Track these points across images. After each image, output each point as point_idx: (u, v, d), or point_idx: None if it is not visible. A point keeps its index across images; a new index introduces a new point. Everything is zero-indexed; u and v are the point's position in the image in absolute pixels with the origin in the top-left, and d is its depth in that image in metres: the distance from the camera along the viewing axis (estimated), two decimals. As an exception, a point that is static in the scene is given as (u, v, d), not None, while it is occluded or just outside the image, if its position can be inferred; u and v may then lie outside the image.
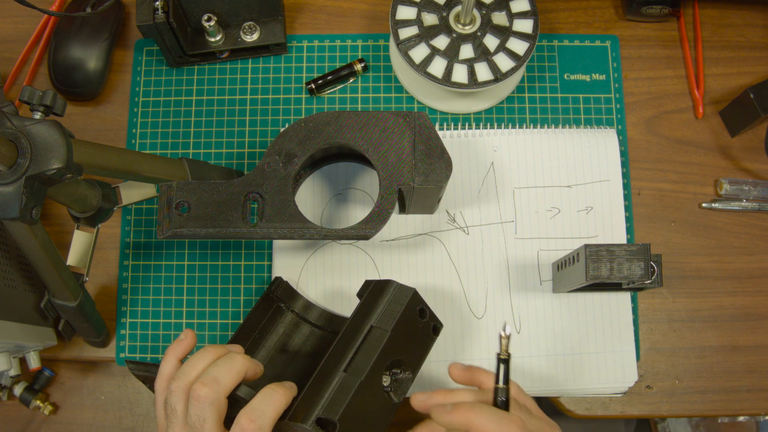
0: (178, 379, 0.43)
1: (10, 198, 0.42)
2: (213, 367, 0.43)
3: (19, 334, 0.52)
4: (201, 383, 0.42)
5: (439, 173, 0.50)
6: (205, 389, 0.42)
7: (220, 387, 0.42)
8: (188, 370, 0.43)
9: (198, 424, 0.41)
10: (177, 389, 0.43)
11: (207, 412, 0.41)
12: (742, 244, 0.62)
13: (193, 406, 0.42)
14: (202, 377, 0.42)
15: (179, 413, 0.42)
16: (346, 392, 0.44)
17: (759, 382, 0.60)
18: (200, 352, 0.45)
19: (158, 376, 0.45)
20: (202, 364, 0.44)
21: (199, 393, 0.41)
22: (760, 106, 0.60)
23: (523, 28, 0.60)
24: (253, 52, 0.66)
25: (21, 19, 0.68)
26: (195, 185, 0.50)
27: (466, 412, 0.41)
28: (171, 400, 0.43)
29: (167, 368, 0.45)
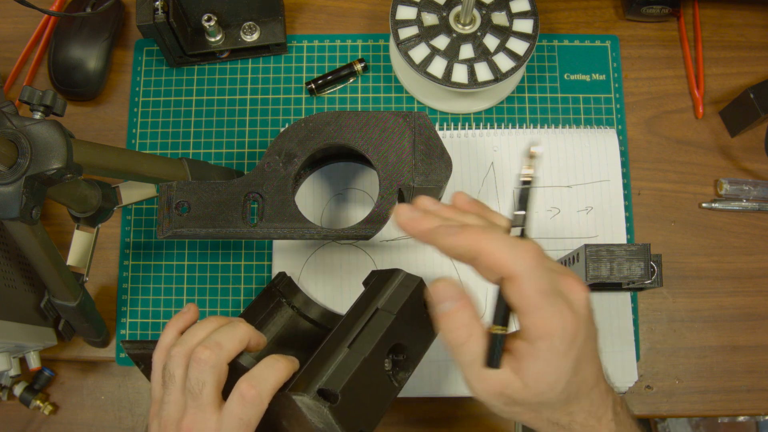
0: (179, 345, 0.42)
1: (10, 198, 0.42)
2: (216, 332, 0.42)
3: (19, 334, 0.52)
4: (203, 346, 0.41)
5: (439, 173, 0.50)
6: (206, 352, 0.41)
7: (222, 352, 0.41)
8: (189, 338, 0.42)
9: (197, 388, 0.40)
10: (177, 354, 0.42)
11: (207, 376, 0.40)
12: (742, 244, 0.62)
13: (193, 369, 0.41)
14: (204, 341, 0.41)
15: (178, 379, 0.41)
16: (349, 367, 0.43)
17: (759, 382, 0.60)
18: (202, 321, 0.44)
19: (157, 347, 0.44)
20: (203, 332, 0.43)
21: (200, 356, 0.40)
22: (760, 106, 0.60)
23: (523, 28, 0.60)
24: (253, 52, 0.66)
25: (21, 19, 0.68)
26: (195, 185, 0.50)
27: (475, 234, 0.36)
28: (170, 366, 0.42)
29: (167, 339, 0.44)
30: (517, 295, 0.35)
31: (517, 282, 0.35)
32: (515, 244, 0.35)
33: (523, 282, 0.35)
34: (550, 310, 0.35)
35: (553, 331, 0.35)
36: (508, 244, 0.35)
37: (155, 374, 0.44)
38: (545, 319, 0.35)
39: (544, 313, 0.35)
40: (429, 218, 0.38)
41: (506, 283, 0.36)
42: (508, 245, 0.35)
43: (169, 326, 0.45)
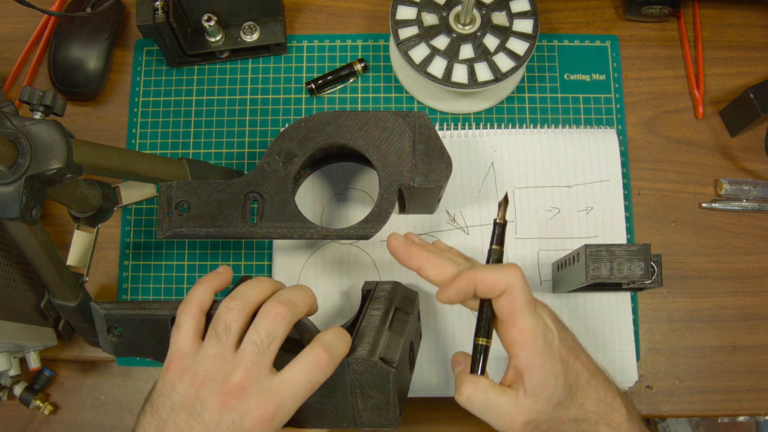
0: (238, 298, 0.41)
1: (10, 198, 0.42)
2: (287, 291, 0.42)
3: (19, 334, 0.52)
4: (279, 302, 0.40)
5: (439, 173, 0.50)
6: (283, 307, 0.40)
7: (297, 310, 0.40)
8: (248, 292, 0.41)
9: (266, 342, 0.39)
10: (236, 307, 0.40)
11: (280, 330, 0.39)
12: (742, 244, 0.62)
13: (265, 323, 0.39)
14: (278, 296, 0.41)
15: (234, 333, 0.39)
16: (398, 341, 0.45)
17: (759, 382, 0.60)
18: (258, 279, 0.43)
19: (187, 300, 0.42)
20: (262, 290, 0.42)
21: (277, 310, 0.39)
22: (760, 106, 0.60)
23: (523, 28, 0.60)
24: (253, 52, 0.66)
25: (21, 19, 0.68)
26: (195, 185, 0.50)
27: (466, 274, 0.42)
28: (227, 317, 0.40)
29: (200, 294, 0.42)
30: (510, 305, 0.41)
31: (511, 292, 0.41)
32: (502, 267, 0.42)
33: (516, 290, 0.41)
34: (534, 315, 0.42)
35: (537, 334, 0.41)
36: (496, 268, 0.42)
37: (186, 325, 0.41)
38: (530, 322, 0.41)
39: (529, 317, 0.41)
40: (419, 248, 0.45)
41: (501, 297, 0.42)
42: (497, 269, 0.42)
43: (203, 282, 0.43)
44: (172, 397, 0.39)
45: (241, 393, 0.38)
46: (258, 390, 0.38)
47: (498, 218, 0.46)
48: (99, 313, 0.45)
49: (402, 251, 0.45)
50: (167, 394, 0.40)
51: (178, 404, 0.39)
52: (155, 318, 0.45)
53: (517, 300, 0.41)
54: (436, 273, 0.44)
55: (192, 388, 0.39)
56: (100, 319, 0.46)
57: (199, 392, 0.39)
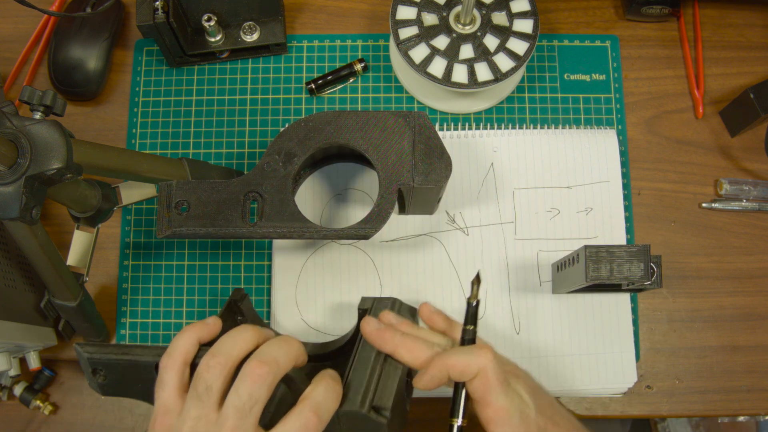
0: (219, 355, 0.38)
1: (10, 198, 0.42)
2: (269, 346, 0.39)
3: (19, 334, 0.52)
4: (260, 361, 0.38)
5: (439, 173, 0.50)
6: (265, 368, 0.37)
7: (279, 369, 0.38)
8: (229, 346, 0.39)
9: (247, 406, 0.37)
10: (217, 365, 0.38)
11: (262, 393, 0.37)
12: (742, 244, 0.62)
13: (246, 385, 0.37)
14: (259, 354, 0.38)
15: (215, 393, 0.38)
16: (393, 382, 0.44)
17: (759, 382, 0.60)
18: (240, 329, 0.40)
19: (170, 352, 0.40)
20: (244, 343, 0.39)
21: (258, 371, 0.37)
22: (760, 106, 0.60)
23: (523, 28, 0.60)
24: (253, 52, 0.66)
25: (21, 19, 0.68)
26: (195, 184, 0.50)
27: (438, 361, 0.43)
28: (207, 377, 0.38)
29: (184, 345, 0.40)
30: (483, 387, 0.42)
31: (483, 375, 0.42)
32: (473, 350, 0.43)
33: (488, 372, 0.42)
34: (508, 393, 0.43)
35: (512, 411, 0.42)
36: (467, 351, 0.43)
37: (169, 381, 0.39)
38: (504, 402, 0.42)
39: (502, 396, 0.42)
40: (391, 332, 0.45)
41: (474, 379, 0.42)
42: (468, 352, 0.43)
43: (187, 332, 0.41)
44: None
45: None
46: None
47: (470, 297, 0.45)
48: (83, 356, 0.43)
49: (375, 336, 0.45)
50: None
51: None
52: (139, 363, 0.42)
53: (489, 381, 0.42)
54: (411, 357, 0.44)
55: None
56: (84, 362, 0.44)
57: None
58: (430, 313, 0.50)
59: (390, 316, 0.48)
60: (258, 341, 0.40)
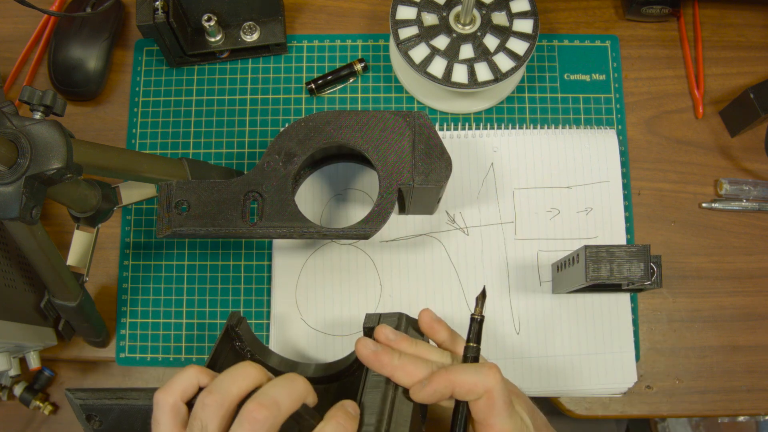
0: (216, 393, 0.36)
1: (10, 198, 0.42)
2: (271, 386, 0.37)
3: (19, 334, 0.52)
4: (259, 404, 0.35)
5: (439, 173, 0.50)
6: (264, 412, 0.35)
7: (280, 412, 0.35)
8: (228, 384, 0.37)
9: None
10: (213, 404, 0.36)
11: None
12: (742, 244, 0.62)
13: (243, 429, 0.35)
14: (259, 396, 0.36)
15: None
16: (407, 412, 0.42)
17: (759, 382, 0.60)
18: (240, 367, 0.38)
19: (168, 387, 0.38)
20: (245, 381, 0.37)
21: (256, 415, 0.35)
22: (760, 106, 0.60)
23: (523, 28, 0.60)
24: (253, 52, 0.66)
25: (21, 19, 0.68)
26: (195, 184, 0.50)
27: (444, 376, 0.40)
28: (202, 416, 0.36)
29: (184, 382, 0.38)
30: (488, 409, 0.40)
31: (490, 396, 0.40)
32: (480, 369, 0.41)
33: (495, 394, 0.40)
34: (512, 416, 0.41)
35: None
36: (474, 370, 0.41)
37: (164, 418, 0.37)
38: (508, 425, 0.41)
39: (507, 420, 0.41)
40: (389, 355, 0.42)
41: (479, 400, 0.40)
42: (475, 371, 0.41)
43: (189, 369, 0.39)
44: None
45: None
46: None
47: (475, 313, 0.43)
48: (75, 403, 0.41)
49: (373, 360, 0.42)
50: None
51: None
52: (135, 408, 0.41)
53: (495, 404, 0.40)
54: (410, 381, 0.41)
55: None
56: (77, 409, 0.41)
57: None
58: (431, 321, 0.47)
59: (387, 332, 0.44)
60: (260, 380, 0.38)
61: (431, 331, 0.46)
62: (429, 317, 0.46)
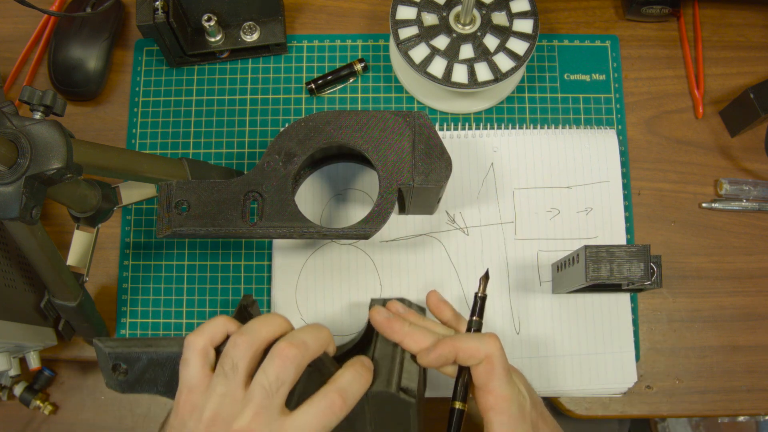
0: (246, 334, 0.38)
1: (10, 198, 0.42)
2: (300, 331, 0.40)
3: (19, 334, 0.52)
4: (290, 343, 0.38)
5: (439, 173, 0.50)
6: (293, 350, 0.37)
7: (308, 352, 0.38)
8: (258, 328, 0.39)
9: (275, 386, 0.37)
10: (243, 343, 0.38)
11: (289, 375, 0.37)
12: (742, 244, 0.62)
13: (275, 365, 0.37)
14: (289, 337, 0.39)
15: (241, 371, 0.38)
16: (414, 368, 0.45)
17: (759, 382, 0.60)
18: (269, 315, 0.41)
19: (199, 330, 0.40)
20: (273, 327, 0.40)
21: (286, 352, 0.37)
22: (760, 106, 0.60)
23: (523, 28, 0.60)
24: (253, 52, 0.66)
25: (21, 19, 0.68)
26: (195, 184, 0.50)
27: (449, 342, 0.44)
28: (234, 354, 0.38)
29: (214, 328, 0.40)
30: (488, 373, 0.44)
31: (490, 360, 0.44)
32: (482, 336, 0.45)
33: (495, 360, 0.44)
34: (510, 383, 0.44)
35: (512, 401, 0.44)
36: (476, 337, 0.45)
37: (194, 359, 0.39)
38: (507, 390, 0.44)
39: (506, 385, 0.44)
40: (400, 322, 0.46)
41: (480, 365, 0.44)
42: (478, 338, 0.44)
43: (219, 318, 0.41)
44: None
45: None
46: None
47: (479, 292, 0.48)
48: (103, 352, 0.42)
49: (385, 326, 0.46)
50: (178, 429, 0.39)
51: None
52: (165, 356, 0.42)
53: (495, 369, 0.43)
54: (418, 347, 0.45)
55: (201, 426, 0.37)
56: (104, 357, 0.42)
57: (208, 430, 0.37)
58: (438, 301, 0.51)
59: (398, 306, 0.49)
60: (287, 328, 0.41)
61: (437, 310, 0.51)
62: (436, 297, 0.51)
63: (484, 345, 0.44)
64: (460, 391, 0.45)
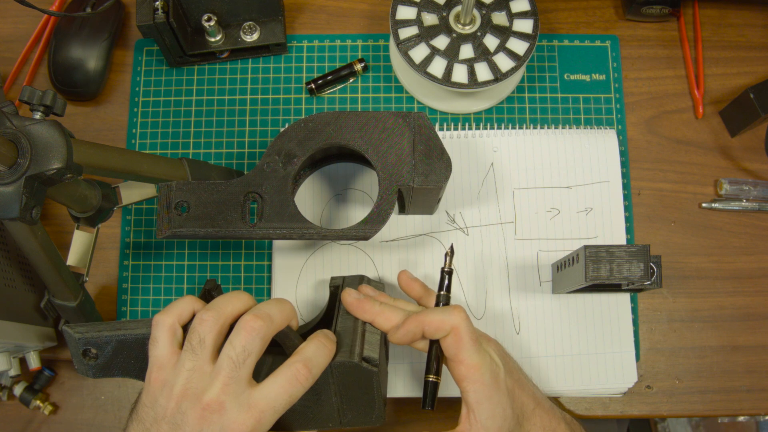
0: (212, 310, 0.40)
1: (10, 198, 0.42)
2: (265, 304, 0.41)
3: (19, 334, 0.52)
4: (254, 315, 0.40)
5: (439, 173, 0.50)
6: (259, 322, 0.39)
7: (273, 324, 0.40)
8: (223, 304, 0.41)
9: (242, 357, 0.39)
10: (210, 319, 0.39)
11: (256, 345, 0.39)
12: (742, 244, 0.62)
13: (241, 337, 0.39)
14: (255, 310, 0.40)
15: (208, 345, 0.39)
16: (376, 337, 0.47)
17: (759, 382, 0.60)
18: (232, 293, 0.42)
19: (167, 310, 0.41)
20: (238, 302, 0.41)
21: (252, 324, 0.39)
22: (760, 106, 0.60)
23: (523, 28, 0.60)
24: (253, 52, 0.66)
25: (21, 19, 0.68)
26: (194, 185, 0.50)
27: (415, 318, 0.45)
28: (201, 329, 0.39)
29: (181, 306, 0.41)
30: (456, 343, 0.44)
31: (457, 332, 0.45)
32: (446, 309, 0.46)
33: (460, 330, 0.45)
34: (480, 352, 0.45)
35: (484, 369, 0.44)
36: (441, 310, 0.46)
37: (162, 336, 0.40)
38: (476, 359, 0.44)
39: (475, 354, 0.44)
40: (371, 302, 0.48)
41: (447, 337, 0.45)
42: (442, 311, 0.46)
43: (186, 298, 0.42)
44: (155, 408, 0.40)
45: (219, 407, 0.38)
46: (236, 404, 0.39)
47: (445, 267, 0.49)
48: (72, 337, 0.43)
49: (356, 306, 0.48)
50: (150, 406, 0.40)
51: (161, 416, 0.39)
52: (133, 338, 0.43)
53: (462, 339, 0.44)
54: (389, 325, 0.47)
55: (172, 401, 0.39)
56: (74, 343, 0.43)
57: (179, 405, 0.39)
58: (408, 279, 0.53)
59: (368, 289, 0.51)
60: (251, 303, 0.42)
61: (408, 287, 0.53)
62: (407, 276, 0.54)
63: (449, 317, 0.45)
64: (433, 365, 0.46)
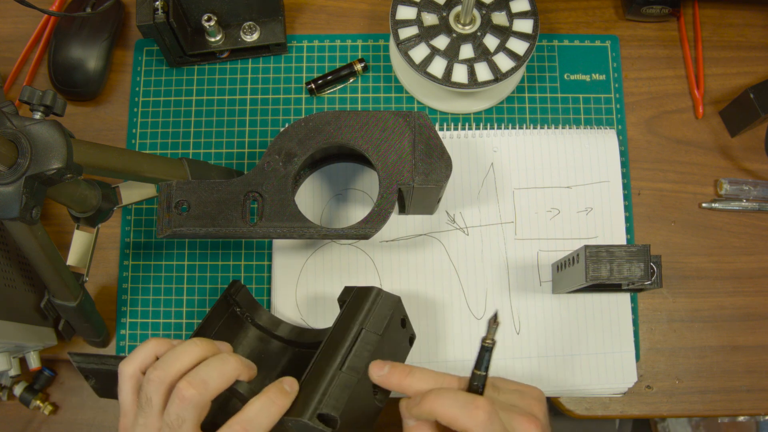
0: (159, 369, 0.40)
1: (10, 198, 0.42)
2: (204, 366, 0.41)
3: (19, 334, 0.52)
4: (188, 383, 0.39)
5: (439, 173, 0.50)
6: (191, 390, 0.39)
7: (207, 391, 0.40)
8: (171, 361, 0.41)
9: (176, 423, 0.39)
10: (156, 379, 0.40)
11: (188, 413, 0.39)
12: (742, 244, 0.62)
13: (175, 405, 0.39)
14: (190, 376, 0.40)
15: (155, 405, 0.40)
16: (346, 390, 0.43)
17: (759, 382, 0.60)
18: (187, 344, 0.42)
19: (130, 358, 0.42)
20: (187, 358, 0.41)
21: (184, 393, 0.39)
22: (760, 106, 0.60)
23: (523, 28, 0.60)
24: (253, 52, 0.66)
25: (21, 19, 0.68)
26: (195, 184, 0.50)
27: (431, 400, 0.39)
28: (147, 389, 0.40)
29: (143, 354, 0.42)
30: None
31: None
32: (467, 403, 0.38)
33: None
34: None
35: None
36: (460, 403, 0.38)
37: (125, 386, 0.42)
38: None
39: None
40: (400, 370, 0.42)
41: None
42: (460, 404, 0.38)
43: (150, 342, 0.43)
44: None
45: None
46: None
47: (487, 340, 0.40)
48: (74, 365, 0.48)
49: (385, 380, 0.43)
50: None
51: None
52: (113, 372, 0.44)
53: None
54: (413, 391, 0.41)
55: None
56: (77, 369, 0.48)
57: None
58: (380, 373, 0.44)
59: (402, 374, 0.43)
60: (202, 356, 0.42)
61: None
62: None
63: (464, 417, 0.37)
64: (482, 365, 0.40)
